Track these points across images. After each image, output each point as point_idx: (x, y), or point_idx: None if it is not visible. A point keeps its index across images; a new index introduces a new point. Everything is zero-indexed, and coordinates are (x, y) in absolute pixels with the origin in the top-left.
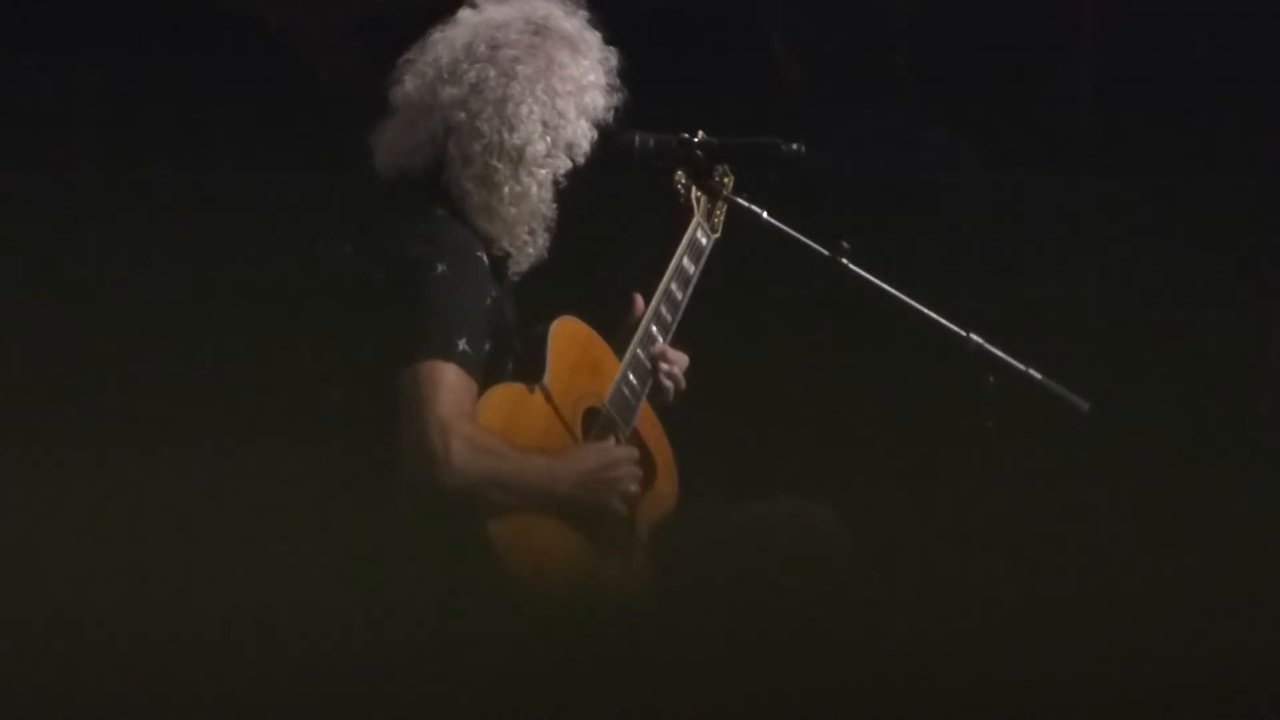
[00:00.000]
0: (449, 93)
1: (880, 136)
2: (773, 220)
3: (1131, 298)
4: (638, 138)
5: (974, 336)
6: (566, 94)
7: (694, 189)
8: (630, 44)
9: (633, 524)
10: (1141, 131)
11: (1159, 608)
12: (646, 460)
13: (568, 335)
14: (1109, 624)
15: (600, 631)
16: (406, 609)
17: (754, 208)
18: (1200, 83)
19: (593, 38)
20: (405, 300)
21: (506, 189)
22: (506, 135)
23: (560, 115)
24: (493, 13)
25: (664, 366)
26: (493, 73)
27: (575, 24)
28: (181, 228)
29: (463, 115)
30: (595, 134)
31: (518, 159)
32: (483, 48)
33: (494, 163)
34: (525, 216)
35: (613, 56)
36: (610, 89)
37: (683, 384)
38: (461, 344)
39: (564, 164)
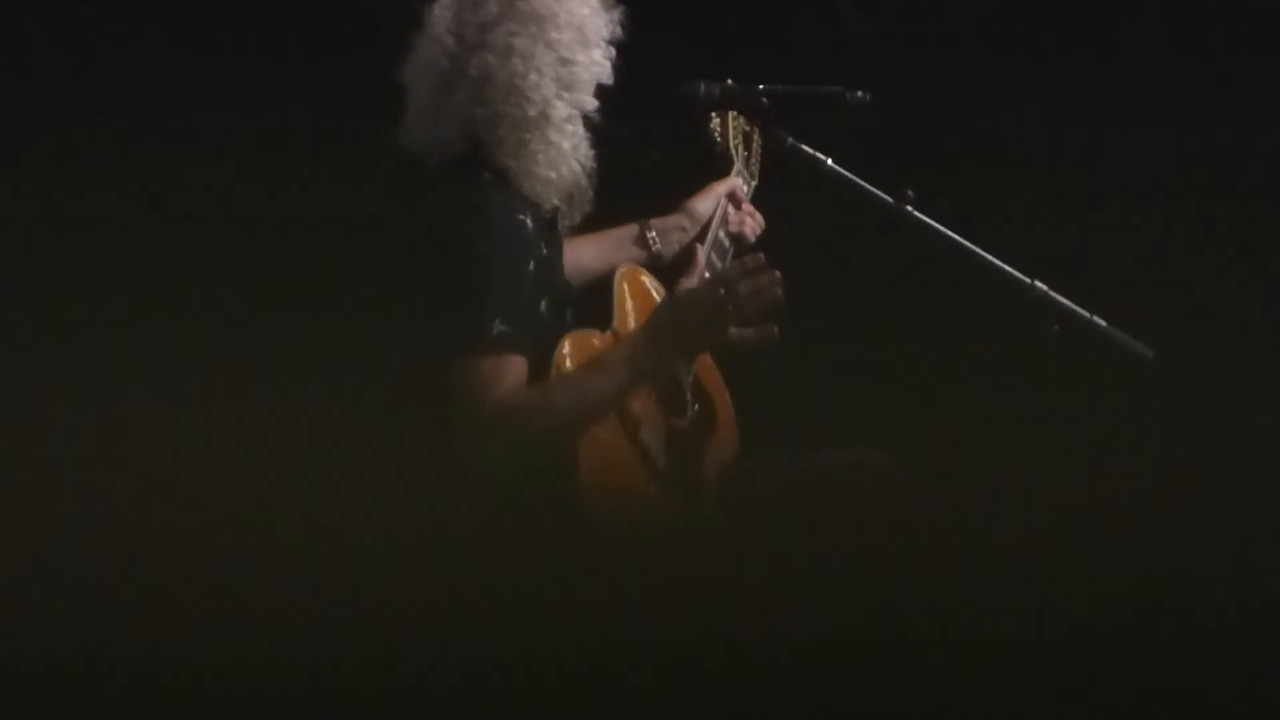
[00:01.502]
0: (461, 93)
1: (947, 87)
2: (837, 167)
3: (1197, 251)
4: (703, 86)
5: (1039, 284)
6: (569, 41)
7: (732, 137)
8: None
9: (700, 470)
10: (1213, 85)
11: (1220, 561)
12: (708, 408)
13: (631, 283)
14: (1166, 569)
15: (676, 576)
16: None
17: (819, 155)
18: (1269, 35)
19: None
20: (443, 285)
21: (542, 155)
22: (527, 108)
23: (568, 63)
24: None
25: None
26: (492, 58)
27: None
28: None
29: (481, 109)
30: (612, 51)
31: (545, 123)
32: (472, 34)
33: (523, 135)
34: (566, 172)
35: None
36: (605, 6)
37: (759, 226)
38: (496, 326)
39: (590, 103)
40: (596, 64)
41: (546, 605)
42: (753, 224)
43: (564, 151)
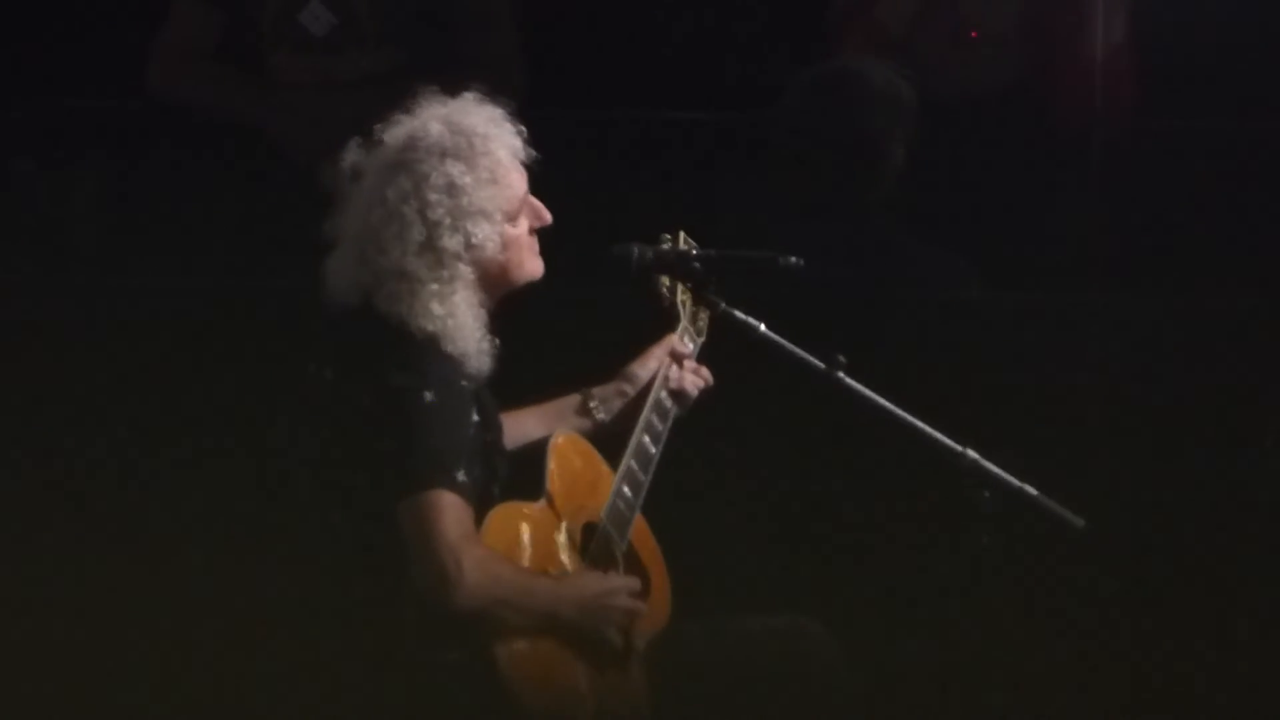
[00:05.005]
0: (371, 257)
1: (877, 252)
2: (769, 333)
3: (1130, 416)
4: (636, 250)
5: (970, 452)
6: (446, 201)
7: (679, 294)
8: (629, 153)
9: (628, 639)
10: (1139, 249)
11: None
12: (641, 576)
13: (567, 450)
14: None
15: None
16: None
17: (751, 320)
18: (1197, 200)
19: (469, 138)
20: (398, 431)
21: (435, 305)
22: (405, 259)
23: (433, 223)
24: (372, 177)
25: (690, 369)
26: (378, 210)
27: (443, 137)
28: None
29: (372, 259)
30: (506, 199)
31: (428, 277)
32: (374, 184)
33: (411, 287)
34: (465, 325)
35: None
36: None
37: (704, 383)
38: (459, 474)
39: (470, 261)
40: (486, 231)
41: None
42: (694, 380)
43: (456, 302)
